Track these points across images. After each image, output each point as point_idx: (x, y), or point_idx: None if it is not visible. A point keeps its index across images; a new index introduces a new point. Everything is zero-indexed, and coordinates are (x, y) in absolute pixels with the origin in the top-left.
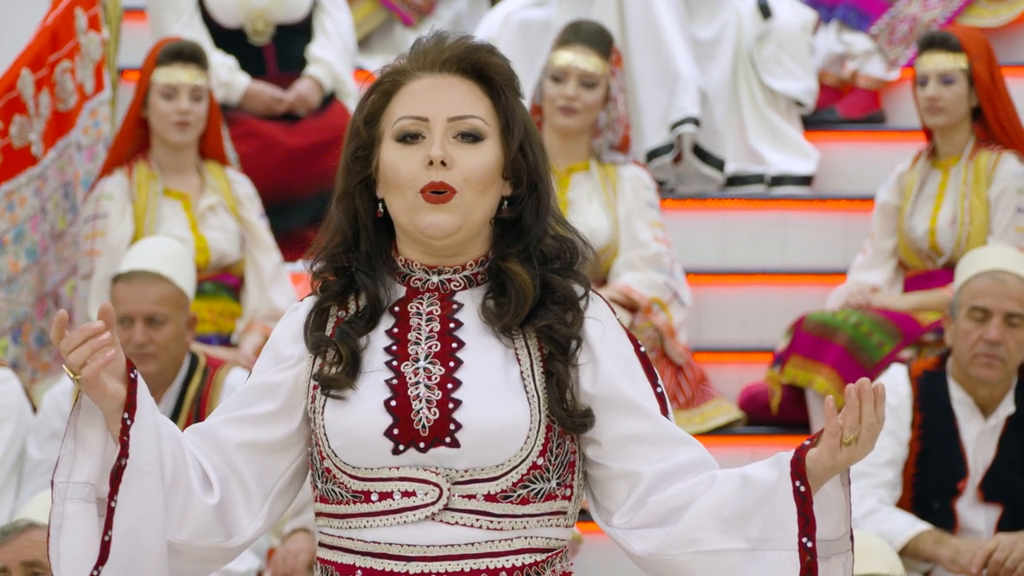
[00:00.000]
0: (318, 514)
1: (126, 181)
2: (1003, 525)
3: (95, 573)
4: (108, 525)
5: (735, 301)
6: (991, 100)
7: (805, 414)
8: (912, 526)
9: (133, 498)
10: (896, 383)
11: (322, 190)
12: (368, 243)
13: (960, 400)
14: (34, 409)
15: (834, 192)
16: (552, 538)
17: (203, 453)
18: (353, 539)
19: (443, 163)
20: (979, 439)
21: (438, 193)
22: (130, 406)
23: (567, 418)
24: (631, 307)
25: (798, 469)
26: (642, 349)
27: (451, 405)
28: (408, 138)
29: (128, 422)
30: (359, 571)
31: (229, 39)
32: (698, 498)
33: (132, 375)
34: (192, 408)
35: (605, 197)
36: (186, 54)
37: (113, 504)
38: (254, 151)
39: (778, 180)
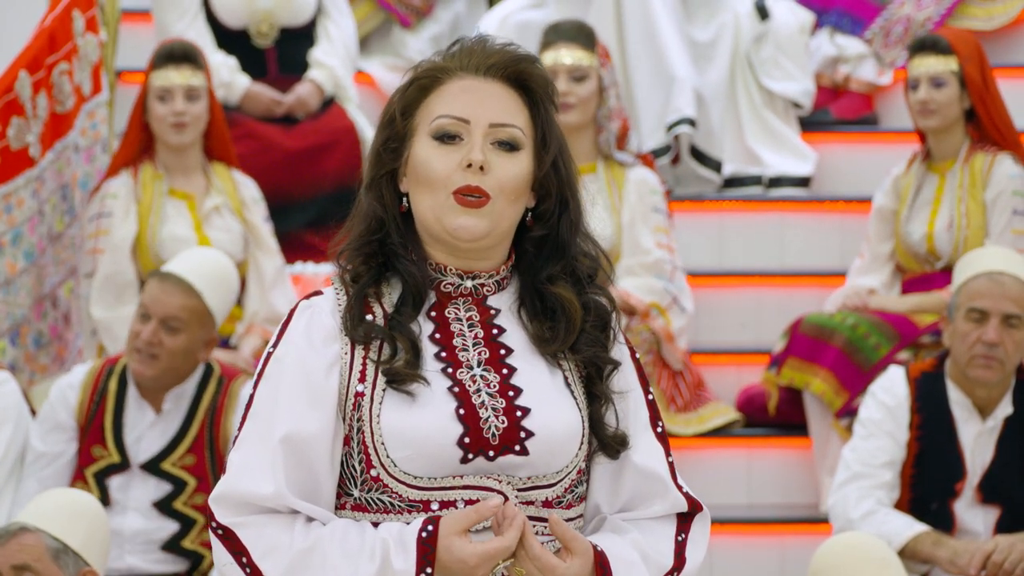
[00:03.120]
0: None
1: (131, 181)
2: (1001, 526)
3: None
4: None
5: (733, 302)
6: (983, 101)
7: (802, 416)
8: (910, 527)
9: None
10: (894, 385)
11: (319, 193)
12: (399, 233)
13: (958, 401)
14: (32, 411)
15: (832, 194)
16: None
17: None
18: None
19: (481, 168)
20: (977, 440)
21: (472, 197)
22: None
23: (611, 443)
24: (628, 312)
25: None
26: (637, 356)
27: (519, 413)
28: (446, 138)
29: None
30: None
31: (233, 40)
32: None
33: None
34: (206, 418)
35: (610, 201)
36: (177, 55)
37: None
38: (252, 152)
39: (776, 182)
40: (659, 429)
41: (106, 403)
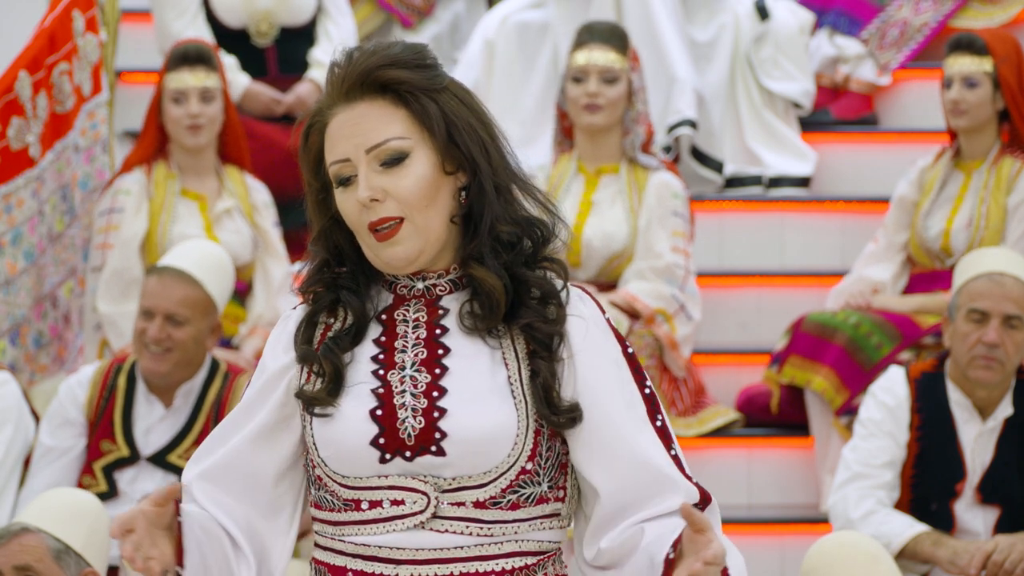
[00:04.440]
0: (313, 518)
1: (144, 178)
2: (1001, 526)
3: None
4: None
5: (733, 303)
6: (1017, 104)
7: (803, 414)
8: (910, 527)
9: None
10: (894, 385)
11: None
12: (352, 263)
13: (958, 402)
14: (33, 412)
15: (832, 194)
16: (544, 541)
17: (223, 511)
18: (344, 541)
19: (374, 200)
20: (977, 441)
21: (383, 229)
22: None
23: (552, 416)
24: (632, 315)
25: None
26: (630, 350)
27: (436, 414)
28: (344, 182)
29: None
30: (349, 573)
31: (232, 39)
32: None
33: (179, 518)
34: (211, 412)
35: (629, 203)
36: (191, 57)
37: None
38: (251, 152)
39: (776, 182)
40: (659, 423)
41: (115, 399)
